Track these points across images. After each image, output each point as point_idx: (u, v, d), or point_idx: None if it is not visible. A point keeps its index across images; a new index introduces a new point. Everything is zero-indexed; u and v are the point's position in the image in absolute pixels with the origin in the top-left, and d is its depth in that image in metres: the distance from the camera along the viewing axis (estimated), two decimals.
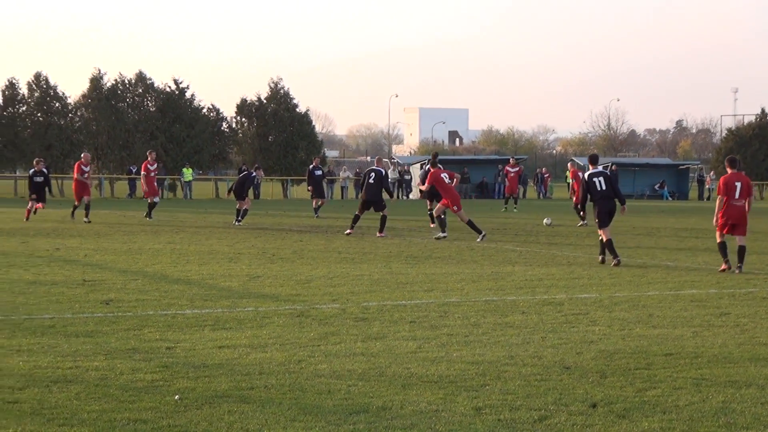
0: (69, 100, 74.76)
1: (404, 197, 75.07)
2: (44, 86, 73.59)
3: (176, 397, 9.29)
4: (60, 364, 10.71)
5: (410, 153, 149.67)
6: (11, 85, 73.17)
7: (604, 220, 23.34)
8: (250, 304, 15.72)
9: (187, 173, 70.77)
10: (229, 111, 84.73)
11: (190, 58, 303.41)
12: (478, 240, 29.45)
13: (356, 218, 32.49)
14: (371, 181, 32.04)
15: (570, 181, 48.63)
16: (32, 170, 37.08)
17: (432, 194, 33.53)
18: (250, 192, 40.77)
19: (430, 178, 31.10)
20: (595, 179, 23.62)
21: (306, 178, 47.33)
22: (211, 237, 30.29)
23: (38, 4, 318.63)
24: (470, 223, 30.44)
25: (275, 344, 12.17)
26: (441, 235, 30.10)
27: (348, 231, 32.03)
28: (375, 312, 15.09)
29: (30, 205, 36.58)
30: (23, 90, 73.49)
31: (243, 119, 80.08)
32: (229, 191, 37.63)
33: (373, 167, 32.76)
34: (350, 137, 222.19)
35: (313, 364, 10.98)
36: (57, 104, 73.91)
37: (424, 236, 31.74)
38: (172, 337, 12.57)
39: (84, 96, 75.16)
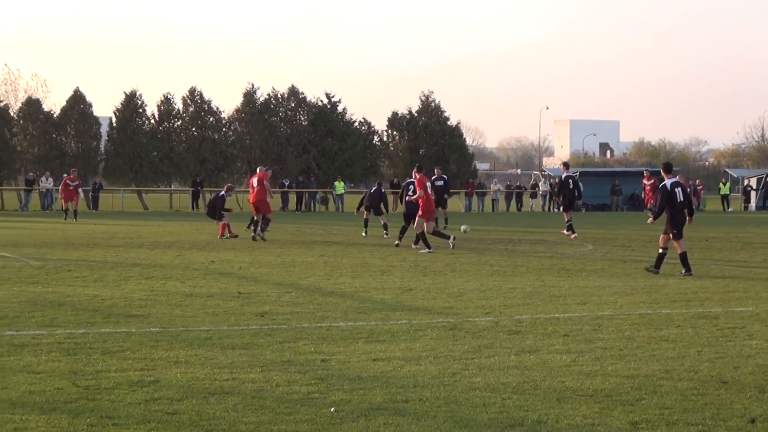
0: (223, 115, 76.27)
1: (556, 209, 74.45)
2: (199, 101, 75.18)
3: (332, 409, 9.38)
4: (217, 375, 10.91)
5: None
6: (167, 100, 74.92)
7: (681, 232, 23.00)
8: (403, 317, 15.78)
9: (339, 186, 71.41)
10: (380, 124, 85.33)
11: (341, 72, 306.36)
12: (422, 251, 29.44)
13: (404, 230, 32.55)
14: (411, 193, 31.92)
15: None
16: (222, 192, 36.64)
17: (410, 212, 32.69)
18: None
19: (418, 184, 30.94)
20: (676, 189, 23.23)
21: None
22: (363, 250, 30.51)
23: (193, 21, 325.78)
24: (423, 235, 30.17)
25: (429, 357, 12.20)
26: (426, 250, 29.64)
27: (396, 242, 32.14)
28: (528, 325, 15.01)
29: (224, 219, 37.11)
30: (178, 105, 75.21)
31: (394, 132, 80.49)
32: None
33: (412, 180, 32.49)
34: (501, 150, 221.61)
35: (467, 377, 10.98)
36: (211, 119, 75.41)
37: (575, 249, 31.44)
38: (327, 349, 12.70)
39: (237, 110, 76.56)
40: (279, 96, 77.05)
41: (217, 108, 75.99)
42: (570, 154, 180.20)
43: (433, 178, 40.15)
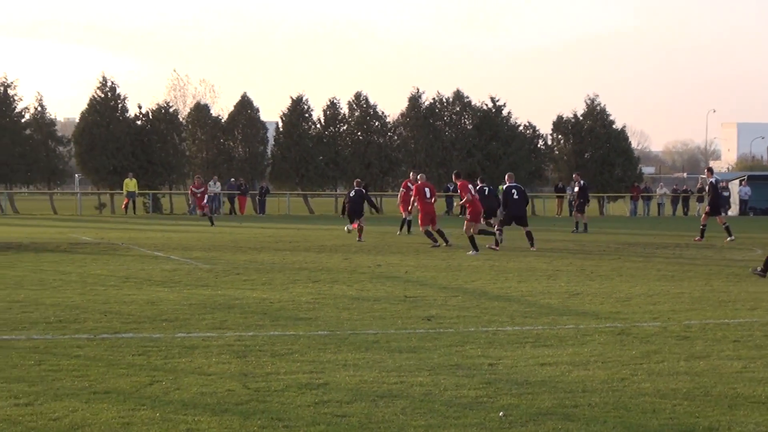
0: (388, 119, 76.78)
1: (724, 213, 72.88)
2: (364, 105, 75.82)
3: (501, 414, 9.34)
4: (385, 379, 10.97)
5: (728, 169, 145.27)
6: (333, 105, 75.75)
7: None
8: (570, 322, 15.64)
9: (502, 190, 71.10)
10: (545, 128, 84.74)
11: (507, 76, 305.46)
12: (469, 253, 29.92)
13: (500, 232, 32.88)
14: (516, 197, 32.52)
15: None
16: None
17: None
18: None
19: (461, 189, 31.79)
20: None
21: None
22: (528, 254, 30.35)
23: (359, 26, 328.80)
24: (471, 238, 30.75)
25: (597, 362, 12.06)
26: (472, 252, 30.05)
27: (492, 246, 32.17)
28: (697, 330, 14.72)
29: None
30: (344, 109, 75.98)
31: (559, 136, 79.84)
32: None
33: (514, 183, 33.22)
34: (666, 153, 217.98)
35: (636, 383, 10.82)
36: (376, 123, 75.96)
37: (744, 254, 30.71)
38: (494, 353, 12.66)
39: (402, 114, 76.97)
40: (444, 100, 77.20)
41: (382, 112, 76.60)
42: (737, 158, 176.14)
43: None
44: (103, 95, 71.17)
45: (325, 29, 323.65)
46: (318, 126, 75.37)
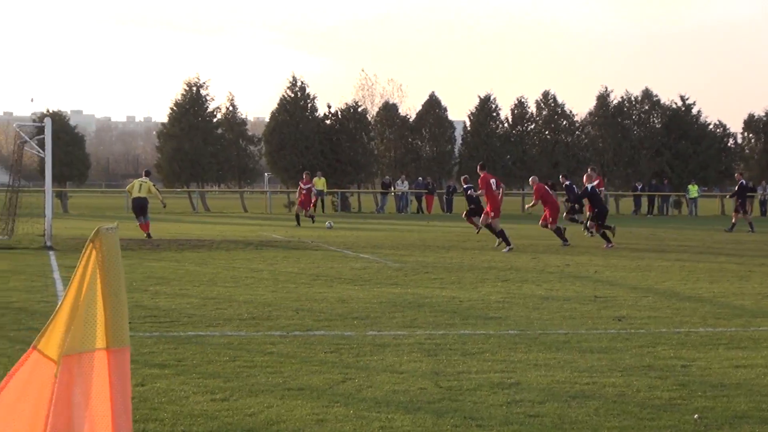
0: (576, 118, 76.11)
1: None
2: (552, 104, 75.34)
3: (695, 416, 9.16)
4: (577, 379, 10.88)
5: None
6: (520, 104, 75.47)
7: None
8: (764, 324, 15.24)
9: (693, 190, 69.80)
10: (736, 127, 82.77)
11: (696, 74, 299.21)
12: (505, 250, 29.97)
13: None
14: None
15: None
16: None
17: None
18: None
19: (482, 183, 31.71)
20: None
21: None
22: (719, 254, 29.69)
23: (547, 24, 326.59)
24: (501, 233, 30.94)
25: None
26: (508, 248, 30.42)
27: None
28: None
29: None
30: (532, 108, 75.63)
31: (750, 135, 77.82)
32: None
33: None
34: None
35: None
36: (564, 122, 75.40)
37: None
38: (687, 355, 12.42)
39: (591, 113, 76.22)
40: (632, 99, 76.13)
41: (570, 111, 75.98)
42: None
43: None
44: (293, 95, 72.45)
45: (513, 27, 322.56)
46: (505, 125, 75.21)
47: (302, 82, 72.76)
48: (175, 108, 71.38)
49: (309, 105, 72.69)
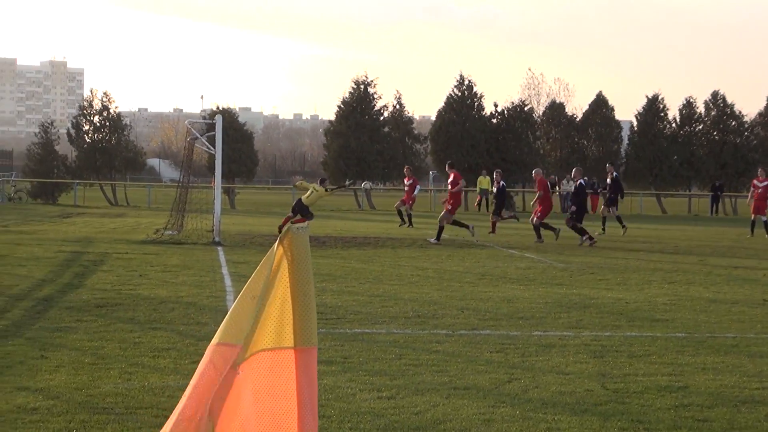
0: (745, 119, 74.39)
1: None
2: (721, 105, 73.75)
3: None
4: (746, 384, 10.68)
5: None
6: (689, 104, 74.07)
7: None
8: None
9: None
10: None
11: None
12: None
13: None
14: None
15: None
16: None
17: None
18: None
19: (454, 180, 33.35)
20: None
21: None
22: None
23: (713, 24, 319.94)
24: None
25: None
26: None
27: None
28: None
29: None
30: (700, 109, 74.17)
31: None
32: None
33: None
34: None
35: None
36: (733, 123, 73.74)
37: None
38: None
39: (761, 114, 74.43)
40: None
41: (740, 112, 74.26)
42: None
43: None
44: (460, 93, 72.48)
45: (683, 26, 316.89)
46: (673, 125, 73.92)
47: (469, 81, 72.72)
48: (342, 106, 72.05)
49: (476, 104, 72.62)
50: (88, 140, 68.51)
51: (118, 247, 27.41)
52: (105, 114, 68.81)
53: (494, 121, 73.07)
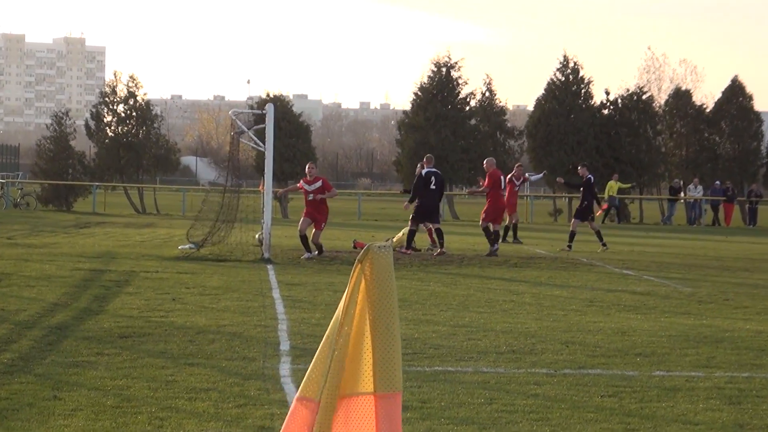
0: None
1: None
2: None
3: None
4: None
5: None
6: None
7: None
8: None
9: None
10: None
11: None
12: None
13: (412, 234, 32.90)
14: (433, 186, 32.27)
15: None
16: None
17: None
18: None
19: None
20: None
21: None
22: None
23: None
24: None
25: None
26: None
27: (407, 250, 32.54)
28: None
29: None
30: None
31: None
32: None
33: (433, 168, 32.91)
34: None
35: None
36: None
37: None
38: None
39: None
40: None
41: None
42: None
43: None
44: (563, 78, 72.02)
45: None
46: None
47: (575, 63, 72.25)
48: (419, 93, 72.04)
49: (583, 91, 72.15)
50: (110, 134, 69.08)
51: (147, 264, 27.65)
52: (131, 102, 69.27)
53: (605, 112, 72.68)
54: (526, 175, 42.14)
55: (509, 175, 39.47)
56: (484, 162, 35.74)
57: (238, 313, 18.87)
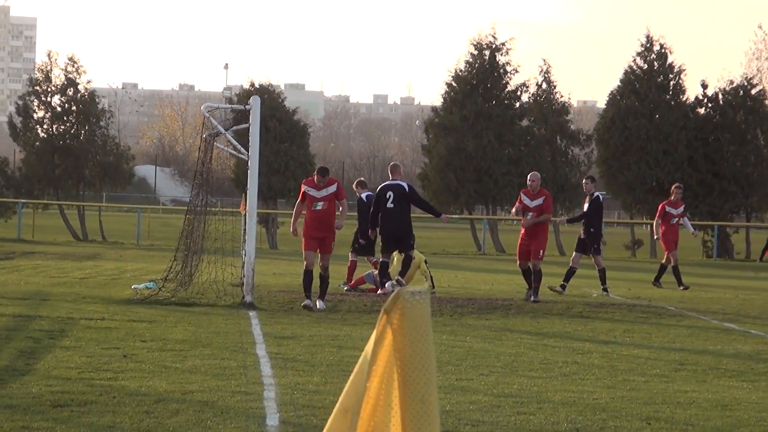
0: None
1: None
2: None
3: None
4: None
5: None
6: None
7: None
8: None
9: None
10: None
11: None
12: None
13: (384, 266, 32.75)
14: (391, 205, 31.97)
15: None
16: None
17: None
18: None
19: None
20: None
21: None
22: None
23: None
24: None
25: None
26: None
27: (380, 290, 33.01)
28: None
29: None
30: None
31: None
32: None
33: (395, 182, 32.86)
34: None
35: None
36: None
37: None
38: None
39: None
40: None
41: None
42: None
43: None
44: (645, 66, 71.47)
45: None
46: None
47: (662, 46, 71.83)
48: (454, 84, 71.78)
49: (671, 83, 71.61)
50: (41, 134, 69.05)
51: (89, 309, 27.70)
52: (70, 93, 69.18)
53: (701, 111, 72.36)
54: None
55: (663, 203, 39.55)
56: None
57: (211, 375, 18.86)
